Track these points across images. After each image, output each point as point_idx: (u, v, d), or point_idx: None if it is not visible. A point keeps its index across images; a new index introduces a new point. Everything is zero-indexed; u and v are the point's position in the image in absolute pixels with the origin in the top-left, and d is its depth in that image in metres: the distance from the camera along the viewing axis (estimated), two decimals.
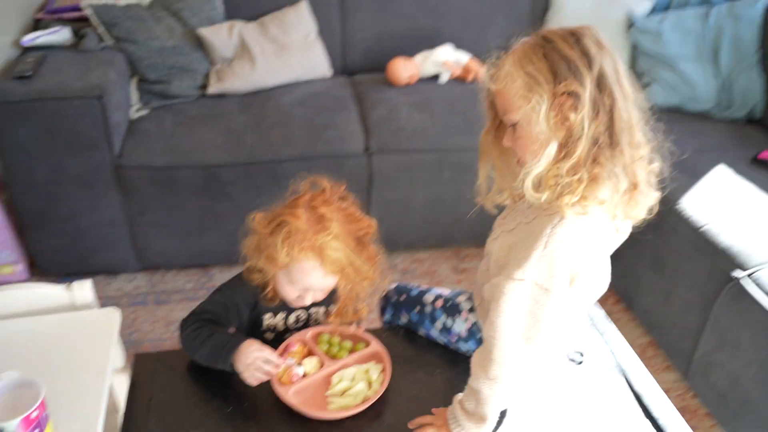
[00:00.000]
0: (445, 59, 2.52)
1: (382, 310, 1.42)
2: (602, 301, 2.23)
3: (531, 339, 1.02)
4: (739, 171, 2.00)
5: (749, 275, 1.62)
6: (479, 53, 2.68)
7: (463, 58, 2.57)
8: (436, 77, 2.57)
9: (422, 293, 1.35)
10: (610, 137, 0.95)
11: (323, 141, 2.26)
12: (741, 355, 1.61)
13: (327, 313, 1.35)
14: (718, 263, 1.70)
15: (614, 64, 0.95)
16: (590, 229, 0.99)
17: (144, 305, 2.28)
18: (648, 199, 1.02)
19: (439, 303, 1.31)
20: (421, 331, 1.34)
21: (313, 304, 1.30)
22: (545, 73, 0.93)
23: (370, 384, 1.21)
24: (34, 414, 0.94)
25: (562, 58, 0.93)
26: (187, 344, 1.22)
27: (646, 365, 1.98)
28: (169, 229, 2.30)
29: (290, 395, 1.16)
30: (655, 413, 1.18)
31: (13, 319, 1.24)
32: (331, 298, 1.31)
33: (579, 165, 0.94)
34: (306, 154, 2.24)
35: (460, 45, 2.65)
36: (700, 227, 1.78)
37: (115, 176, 2.16)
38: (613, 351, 1.32)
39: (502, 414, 1.10)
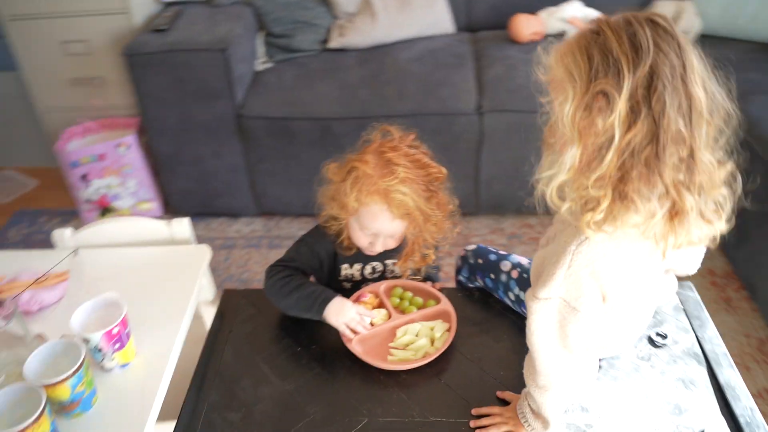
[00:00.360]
0: (572, 15, 2.38)
1: (458, 270, 1.41)
2: (723, 287, 2.08)
3: (569, 350, 0.96)
4: None
5: None
6: (611, 10, 2.50)
7: (592, 14, 2.41)
8: (562, 35, 2.44)
9: (500, 259, 1.32)
10: (652, 151, 0.79)
11: (436, 98, 2.24)
12: None
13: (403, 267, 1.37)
14: None
15: (681, 62, 0.79)
16: (623, 248, 0.88)
17: (257, 248, 2.43)
18: (704, 231, 0.86)
19: (515, 273, 1.27)
20: (497, 295, 1.31)
21: (389, 256, 1.32)
22: (582, 68, 0.81)
23: (432, 341, 1.21)
24: (116, 330, 1.06)
25: (604, 52, 0.80)
26: (273, 291, 1.27)
27: (764, 361, 1.82)
28: (285, 177, 2.42)
29: (354, 343, 1.20)
30: (737, 410, 1.07)
31: (119, 247, 1.38)
32: (404, 250, 1.32)
33: (605, 178, 0.82)
34: (418, 110, 2.24)
35: (592, 2, 2.49)
36: None
37: (237, 125, 2.30)
38: (700, 338, 1.22)
39: None
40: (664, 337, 1.21)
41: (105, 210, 2.56)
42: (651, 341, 1.21)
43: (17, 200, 2.90)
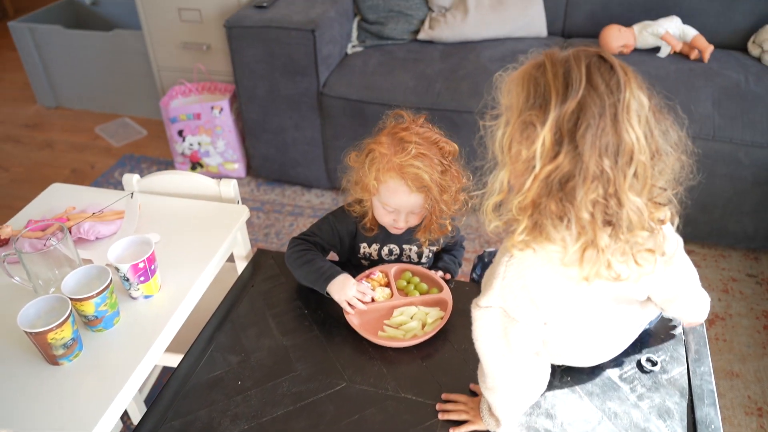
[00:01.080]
0: (666, 31, 2.30)
1: (474, 267, 1.47)
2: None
3: (514, 354, 0.99)
4: None
5: None
6: (713, 32, 2.40)
7: (690, 32, 2.33)
8: (656, 50, 2.37)
9: None
10: (571, 187, 0.81)
11: None
12: None
13: (419, 253, 1.45)
14: None
15: (613, 101, 0.79)
16: (551, 266, 0.90)
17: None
18: (625, 272, 0.87)
19: None
20: None
21: (406, 241, 1.41)
22: (519, 98, 0.84)
23: (424, 326, 1.29)
24: (141, 264, 1.22)
25: (539, 85, 0.82)
26: (290, 261, 1.40)
27: None
28: None
29: (353, 315, 1.30)
30: None
31: (174, 197, 1.56)
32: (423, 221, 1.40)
33: (525, 205, 0.85)
34: (486, 109, 2.27)
35: (692, 21, 2.40)
36: None
37: (318, 102, 2.45)
38: (692, 372, 1.20)
39: None
40: (654, 363, 1.21)
41: (195, 164, 2.80)
42: (639, 365, 1.22)
43: (127, 146, 3.23)
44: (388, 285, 1.38)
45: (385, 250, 1.46)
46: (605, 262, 0.85)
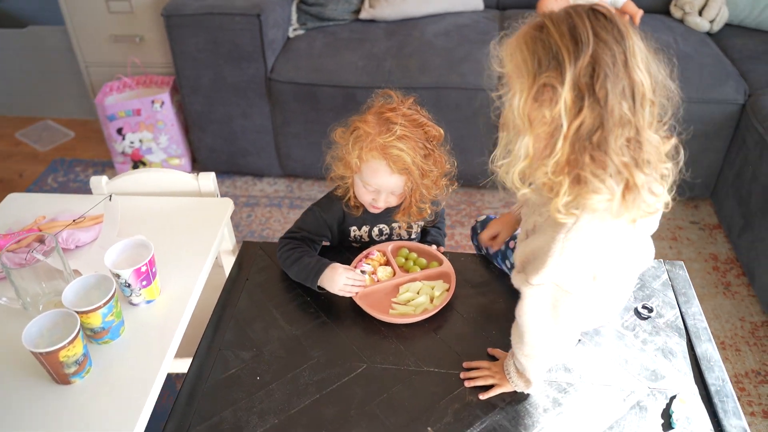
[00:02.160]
0: None
1: (471, 237, 1.51)
2: (724, 272, 2.14)
3: (559, 327, 1.03)
4: None
5: None
6: None
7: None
8: None
9: None
10: (601, 135, 0.84)
11: (458, 73, 2.30)
12: None
13: (408, 231, 1.46)
14: None
15: (622, 48, 0.83)
16: (606, 226, 0.93)
17: (279, 207, 2.54)
18: (654, 203, 0.91)
19: (512, 244, 1.35)
20: (495, 262, 1.40)
21: (395, 219, 1.42)
22: (528, 63, 0.85)
23: (432, 299, 1.31)
24: (144, 268, 1.17)
25: (547, 47, 0.83)
26: (282, 261, 1.38)
27: (755, 344, 1.89)
28: (308, 141, 2.51)
29: (359, 296, 1.30)
30: (709, 380, 1.15)
31: (150, 196, 1.50)
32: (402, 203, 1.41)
33: (561, 164, 0.86)
34: (440, 83, 2.30)
35: None
36: None
37: (266, 88, 2.40)
38: (684, 314, 1.29)
39: None
40: (650, 310, 1.29)
41: (137, 163, 2.68)
42: (637, 313, 1.29)
43: (55, 149, 3.05)
44: (387, 264, 1.39)
45: (376, 230, 1.46)
46: (645, 198, 0.90)
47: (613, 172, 0.86)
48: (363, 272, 1.34)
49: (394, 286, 1.34)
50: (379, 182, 1.31)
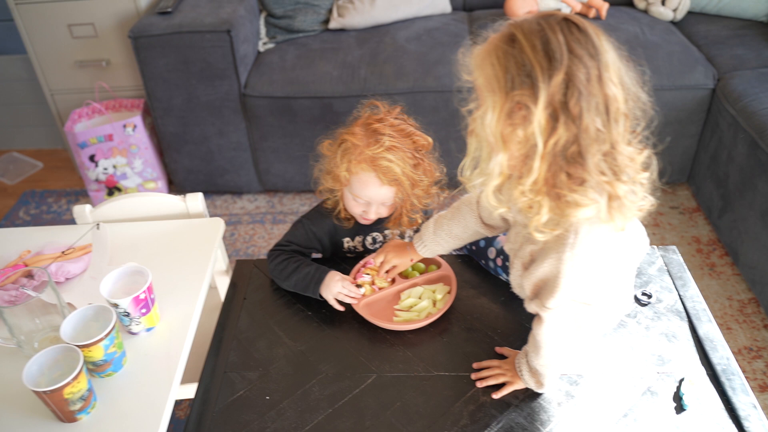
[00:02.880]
0: None
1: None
2: (708, 253, 2.18)
3: (580, 339, 1.04)
4: None
5: None
6: None
7: None
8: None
9: (487, 245, 1.39)
10: (576, 152, 0.82)
11: (433, 76, 2.31)
12: None
13: (401, 236, 1.46)
14: None
15: (596, 63, 0.81)
16: (604, 232, 0.91)
17: (262, 224, 2.51)
18: (635, 208, 0.89)
19: (500, 261, 1.35)
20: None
21: (387, 227, 1.41)
22: (501, 79, 0.82)
23: (434, 303, 1.30)
24: (143, 295, 1.14)
25: (520, 63, 0.80)
26: (275, 274, 1.37)
27: (745, 322, 1.92)
28: (287, 155, 2.49)
29: (361, 306, 1.29)
30: (714, 360, 1.17)
31: (137, 221, 1.46)
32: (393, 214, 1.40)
33: (539, 184, 0.85)
34: (415, 88, 2.31)
35: None
36: None
37: (241, 104, 2.37)
38: (682, 297, 1.31)
39: None
40: (650, 296, 1.30)
41: (112, 189, 2.63)
42: (637, 300, 1.30)
43: (24, 182, 2.97)
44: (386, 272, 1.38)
45: (369, 239, 1.45)
46: (629, 206, 0.88)
47: (594, 185, 0.84)
48: (359, 286, 1.32)
49: (395, 294, 1.33)
50: (369, 194, 1.30)
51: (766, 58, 2.27)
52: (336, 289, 1.29)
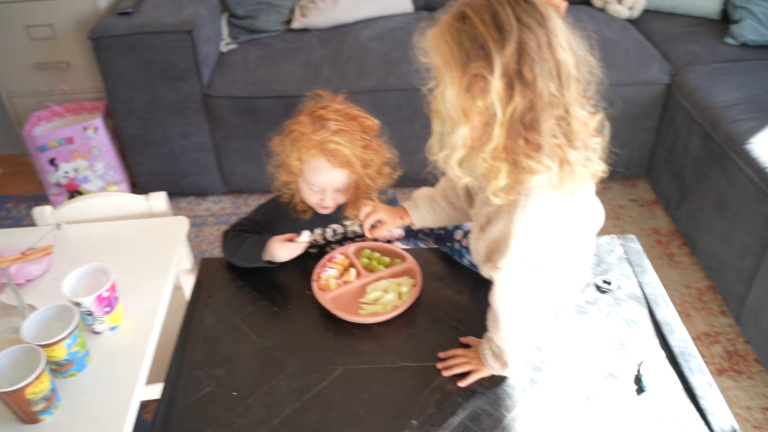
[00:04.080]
0: None
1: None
2: (666, 243, 2.24)
3: (532, 304, 1.06)
4: None
5: None
6: None
7: None
8: None
9: (455, 228, 1.41)
10: (533, 118, 0.86)
11: (396, 74, 2.33)
12: None
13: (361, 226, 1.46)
14: None
15: (545, 30, 0.84)
16: (556, 196, 0.94)
17: (227, 225, 2.49)
18: (588, 174, 0.92)
19: (465, 242, 1.37)
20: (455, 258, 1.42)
21: (345, 218, 1.42)
22: (456, 55, 0.85)
23: (400, 295, 1.32)
24: (106, 293, 1.13)
25: (473, 37, 0.84)
26: (226, 251, 1.39)
27: (703, 308, 1.98)
28: (251, 155, 2.48)
29: (327, 300, 1.30)
30: (672, 342, 1.21)
31: (101, 222, 1.45)
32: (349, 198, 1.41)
33: (499, 150, 0.88)
34: (379, 86, 2.32)
35: None
36: (766, 168, 1.71)
37: (204, 105, 2.36)
38: (641, 283, 1.35)
39: None
40: (609, 283, 1.34)
41: (73, 193, 2.59)
42: (597, 288, 1.34)
43: None
44: (351, 266, 1.39)
45: (329, 231, 1.46)
46: (579, 172, 0.91)
47: (548, 151, 0.88)
48: (328, 276, 1.33)
49: (360, 287, 1.34)
50: (322, 180, 1.31)
51: (719, 54, 2.35)
52: (278, 253, 1.32)
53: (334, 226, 1.45)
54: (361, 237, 1.46)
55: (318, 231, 1.45)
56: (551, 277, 1.04)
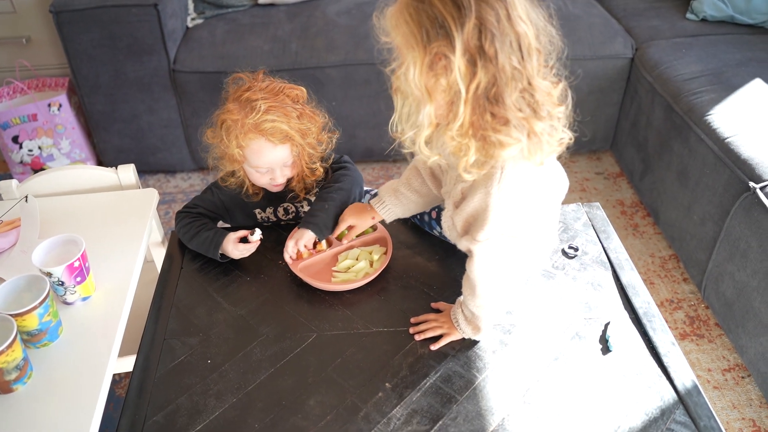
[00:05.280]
0: None
1: None
2: (631, 215, 2.30)
3: (510, 273, 1.08)
4: None
5: (764, 186, 1.61)
6: None
7: None
8: None
9: None
10: (497, 92, 0.87)
11: (364, 49, 2.33)
12: (748, 265, 1.63)
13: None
14: (737, 174, 1.70)
15: (503, 4, 0.85)
16: (528, 166, 0.97)
17: None
18: (555, 143, 0.95)
19: (434, 213, 1.39)
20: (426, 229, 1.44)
21: (294, 197, 1.44)
22: (417, 34, 0.86)
23: (371, 263, 1.34)
24: (77, 263, 1.13)
25: (432, 16, 0.84)
26: (181, 235, 1.39)
27: (666, 276, 2.04)
28: None
29: (300, 269, 1.31)
30: (636, 304, 1.25)
31: (71, 195, 1.43)
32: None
33: (466, 127, 0.90)
34: (347, 60, 2.31)
35: None
36: (725, 138, 1.77)
37: (171, 80, 2.33)
38: (606, 248, 1.39)
39: None
40: (576, 249, 1.38)
41: (38, 172, 2.54)
42: (564, 253, 1.37)
43: None
44: (329, 242, 1.40)
45: (281, 210, 1.47)
46: (546, 141, 0.94)
47: (516, 123, 0.90)
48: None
49: (333, 256, 1.36)
50: (267, 160, 1.31)
51: (680, 29, 2.40)
52: (233, 253, 1.32)
53: (286, 204, 1.46)
54: None
55: (269, 210, 1.45)
56: (526, 245, 1.07)
